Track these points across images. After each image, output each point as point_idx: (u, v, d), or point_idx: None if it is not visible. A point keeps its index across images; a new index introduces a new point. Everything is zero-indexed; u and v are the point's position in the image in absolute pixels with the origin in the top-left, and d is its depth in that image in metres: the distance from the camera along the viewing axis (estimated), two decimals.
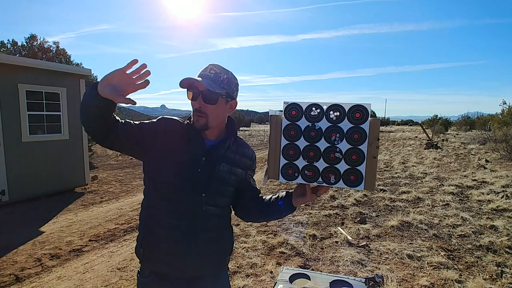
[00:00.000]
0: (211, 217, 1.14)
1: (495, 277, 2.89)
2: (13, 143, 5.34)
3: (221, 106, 1.12)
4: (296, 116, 1.03)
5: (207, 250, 1.13)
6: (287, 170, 1.04)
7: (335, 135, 1.00)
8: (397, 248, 3.50)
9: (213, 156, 1.13)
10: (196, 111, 1.10)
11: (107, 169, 9.25)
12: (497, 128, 14.17)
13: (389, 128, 44.38)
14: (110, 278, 2.94)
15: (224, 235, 1.22)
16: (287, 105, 1.03)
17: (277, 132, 1.05)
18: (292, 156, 1.04)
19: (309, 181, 1.03)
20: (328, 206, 5.19)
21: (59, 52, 17.82)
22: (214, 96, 1.09)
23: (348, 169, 1.00)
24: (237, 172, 1.20)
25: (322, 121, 1.01)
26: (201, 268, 1.15)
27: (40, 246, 3.65)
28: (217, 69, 1.12)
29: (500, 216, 4.54)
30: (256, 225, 4.27)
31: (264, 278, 2.89)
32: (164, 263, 1.12)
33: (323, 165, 1.02)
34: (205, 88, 1.07)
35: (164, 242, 1.10)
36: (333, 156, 1.01)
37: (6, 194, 5.24)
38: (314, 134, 1.02)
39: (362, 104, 0.97)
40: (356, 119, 0.98)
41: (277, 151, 1.05)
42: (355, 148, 0.99)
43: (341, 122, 1.00)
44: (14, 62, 5.46)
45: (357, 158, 0.99)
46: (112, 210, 5.10)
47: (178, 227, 1.09)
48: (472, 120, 29.32)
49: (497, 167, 8.50)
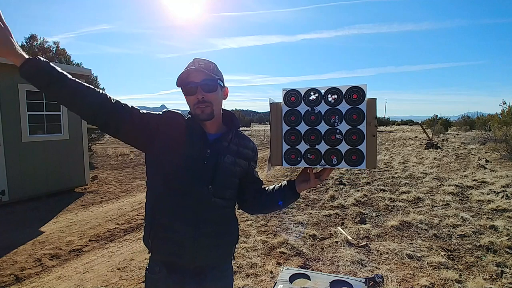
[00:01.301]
0: (218, 209, 1.15)
1: (495, 277, 2.89)
2: (13, 143, 5.34)
3: (219, 93, 1.16)
4: (295, 102, 1.06)
5: (214, 241, 1.15)
6: (290, 155, 1.07)
7: (335, 117, 1.03)
8: (397, 248, 3.50)
9: (217, 149, 1.15)
10: (199, 102, 1.11)
11: (107, 169, 9.25)
12: (497, 128, 14.17)
13: (389, 128, 44.37)
14: (110, 278, 2.94)
15: (231, 226, 1.23)
16: (286, 91, 1.06)
17: (278, 119, 1.07)
18: (294, 141, 1.06)
19: (312, 164, 1.06)
20: (328, 206, 5.19)
21: (59, 52, 17.82)
22: (213, 83, 1.12)
23: (349, 149, 1.02)
24: (242, 163, 1.22)
25: (321, 105, 1.04)
26: (208, 259, 1.16)
27: (40, 246, 3.65)
28: (204, 61, 1.14)
29: (500, 216, 4.54)
30: (256, 225, 4.27)
31: (264, 278, 2.89)
32: (172, 253, 1.12)
33: (324, 148, 1.04)
34: (203, 78, 1.10)
35: (172, 233, 1.10)
36: (334, 138, 1.03)
37: (6, 194, 5.24)
38: (314, 118, 1.04)
39: (359, 86, 1.00)
40: (354, 100, 1.01)
41: (279, 137, 1.07)
42: (354, 128, 1.02)
43: (340, 104, 1.02)
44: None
45: (357, 138, 1.01)
46: (112, 210, 5.10)
47: (185, 218, 1.10)
48: (472, 120, 29.33)
49: (497, 167, 8.50)
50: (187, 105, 1.20)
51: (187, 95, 1.13)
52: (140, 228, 4.28)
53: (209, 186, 1.11)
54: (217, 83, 1.13)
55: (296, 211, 4.95)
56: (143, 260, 3.30)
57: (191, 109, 1.16)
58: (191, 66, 1.12)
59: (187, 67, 1.13)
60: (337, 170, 8.44)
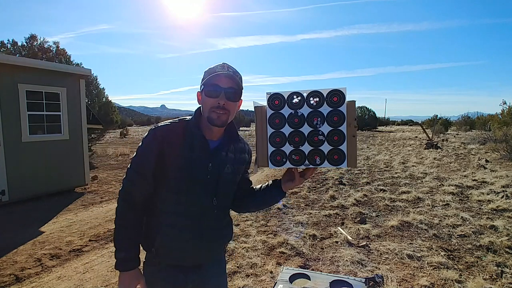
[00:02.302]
0: (219, 216, 1.23)
1: (495, 277, 2.89)
2: (13, 143, 5.34)
3: (237, 104, 1.17)
4: (279, 105, 1.09)
5: (215, 244, 1.24)
6: (275, 156, 1.11)
7: (317, 119, 1.07)
8: (397, 248, 3.50)
9: (218, 161, 1.17)
10: (219, 108, 1.11)
11: (107, 169, 9.25)
12: (497, 128, 14.17)
13: (389, 128, 44.37)
14: (110, 278, 2.94)
15: (228, 228, 1.30)
16: (270, 95, 1.09)
17: (263, 122, 1.11)
18: (279, 143, 1.10)
19: (297, 164, 1.10)
20: (328, 206, 5.19)
21: (59, 52, 17.82)
22: (238, 93, 1.14)
23: (331, 150, 1.07)
24: (240, 170, 1.26)
25: (304, 108, 1.08)
26: (208, 258, 1.25)
27: (40, 246, 3.65)
28: (233, 68, 1.14)
29: (500, 216, 4.54)
30: (256, 225, 4.27)
31: (264, 278, 2.89)
32: (176, 258, 1.18)
33: (308, 148, 1.09)
34: (230, 85, 1.11)
35: (177, 242, 1.15)
36: (317, 139, 1.08)
37: (6, 194, 5.24)
38: (297, 120, 1.09)
39: (338, 89, 1.05)
40: (334, 103, 1.06)
41: (264, 139, 1.11)
42: (335, 129, 1.07)
43: (321, 107, 1.07)
44: (14, 62, 5.46)
45: (338, 139, 1.07)
46: (112, 210, 5.10)
47: (189, 227, 1.15)
48: (472, 120, 29.31)
49: (497, 167, 8.50)
50: (200, 104, 1.19)
51: (208, 97, 1.12)
52: None
53: (213, 199, 1.16)
54: (241, 94, 1.15)
55: (296, 211, 4.95)
56: (143, 260, 3.30)
57: (205, 110, 1.14)
58: (220, 70, 1.11)
59: (214, 69, 1.12)
60: (337, 170, 8.44)
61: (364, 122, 36.18)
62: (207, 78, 1.11)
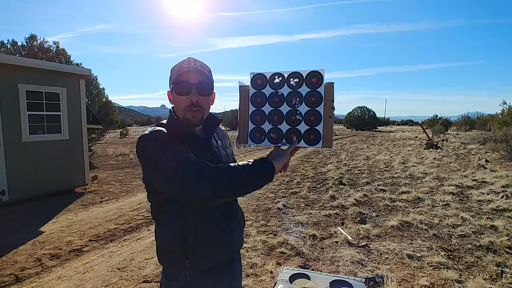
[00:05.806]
0: (237, 207, 1.27)
1: (495, 277, 2.89)
2: (13, 143, 5.34)
3: (210, 98, 1.14)
4: (261, 84, 1.13)
5: (240, 236, 1.26)
6: (255, 133, 1.15)
7: (295, 99, 1.10)
8: (397, 248, 3.50)
9: (211, 149, 1.17)
10: (192, 105, 1.07)
11: (107, 169, 9.26)
12: (497, 128, 14.17)
13: (389, 128, 44.36)
14: (110, 278, 2.94)
15: (239, 209, 1.32)
16: (253, 75, 1.13)
17: (246, 100, 1.15)
18: (259, 121, 1.14)
19: (275, 142, 1.13)
20: (328, 206, 5.19)
21: (59, 52, 17.82)
22: (210, 86, 1.10)
23: (308, 129, 1.10)
24: (230, 151, 1.30)
25: (284, 88, 1.12)
26: (240, 244, 1.27)
27: (40, 246, 3.65)
28: (200, 61, 1.11)
29: (500, 216, 4.54)
30: (256, 225, 4.27)
31: (264, 278, 2.88)
32: (210, 261, 1.13)
33: (286, 127, 1.12)
34: (199, 79, 1.06)
35: (211, 247, 1.12)
36: (294, 118, 1.11)
37: (6, 194, 5.24)
38: (277, 100, 1.12)
39: (317, 70, 1.08)
40: (313, 84, 1.09)
41: (246, 117, 1.15)
42: (313, 110, 1.09)
43: (300, 87, 1.10)
44: (14, 62, 5.46)
45: (315, 119, 1.09)
46: (112, 210, 5.10)
47: (218, 220, 1.14)
48: (472, 120, 29.30)
49: (497, 167, 8.50)
50: (172, 104, 1.14)
51: (180, 94, 1.07)
52: (140, 228, 4.28)
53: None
54: (212, 87, 1.11)
55: (296, 211, 4.95)
56: (143, 260, 3.30)
57: (179, 110, 1.10)
58: (187, 65, 1.07)
59: (181, 65, 1.08)
60: (337, 170, 8.45)
61: (364, 122, 36.16)
62: (175, 76, 1.07)
